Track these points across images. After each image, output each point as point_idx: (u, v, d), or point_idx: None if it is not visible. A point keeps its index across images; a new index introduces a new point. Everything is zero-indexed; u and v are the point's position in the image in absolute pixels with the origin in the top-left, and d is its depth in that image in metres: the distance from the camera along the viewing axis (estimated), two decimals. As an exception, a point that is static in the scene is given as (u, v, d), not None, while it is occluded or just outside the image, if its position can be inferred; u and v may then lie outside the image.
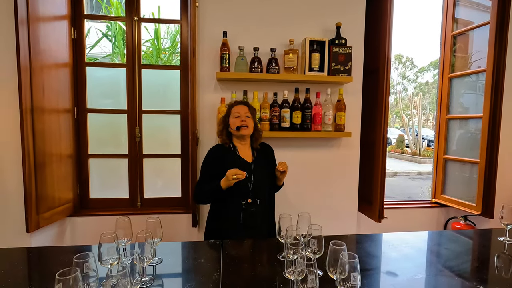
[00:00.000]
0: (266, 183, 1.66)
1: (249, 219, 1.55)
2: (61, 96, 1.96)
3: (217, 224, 1.60)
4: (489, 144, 2.21)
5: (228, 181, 1.46)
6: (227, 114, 1.67)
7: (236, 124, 1.60)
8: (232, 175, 1.44)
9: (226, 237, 1.48)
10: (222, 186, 1.48)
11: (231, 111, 1.65)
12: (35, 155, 1.74)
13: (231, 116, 1.64)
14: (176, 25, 3.98)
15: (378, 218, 2.11)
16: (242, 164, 1.58)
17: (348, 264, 0.80)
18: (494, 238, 1.45)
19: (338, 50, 2.02)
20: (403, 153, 11.79)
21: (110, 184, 2.28)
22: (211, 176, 1.57)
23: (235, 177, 1.44)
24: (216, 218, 1.62)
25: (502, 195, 2.33)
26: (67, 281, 0.69)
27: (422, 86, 21.51)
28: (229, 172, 1.45)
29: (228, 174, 1.45)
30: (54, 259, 1.20)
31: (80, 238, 2.09)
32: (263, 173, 1.65)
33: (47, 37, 1.81)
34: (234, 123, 1.61)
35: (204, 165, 1.65)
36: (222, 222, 1.58)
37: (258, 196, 1.58)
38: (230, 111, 1.65)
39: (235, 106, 1.66)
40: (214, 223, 1.62)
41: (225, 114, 1.68)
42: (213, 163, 1.61)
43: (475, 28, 2.38)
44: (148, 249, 0.98)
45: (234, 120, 1.61)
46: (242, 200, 1.55)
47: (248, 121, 1.61)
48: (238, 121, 1.60)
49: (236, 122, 1.60)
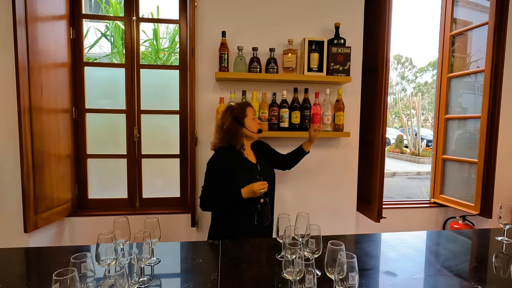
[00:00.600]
0: (272, 181, 1.68)
1: (261, 218, 1.56)
2: (60, 96, 1.95)
3: (229, 227, 1.56)
4: (487, 144, 2.21)
5: (254, 194, 1.47)
6: (241, 115, 1.59)
7: (257, 126, 1.62)
8: (259, 190, 1.46)
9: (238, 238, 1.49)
10: (244, 197, 1.47)
11: (247, 112, 1.60)
12: (33, 155, 1.73)
13: (247, 118, 1.59)
14: (175, 25, 3.98)
15: (377, 218, 2.11)
16: (251, 167, 1.59)
17: (346, 264, 0.80)
18: (492, 238, 1.45)
19: (337, 50, 2.02)
20: (402, 153, 11.81)
21: (109, 184, 2.27)
22: (222, 182, 1.54)
23: (262, 191, 1.47)
24: (227, 221, 1.57)
25: (500, 195, 2.34)
26: (64, 281, 0.69)
27: (421, 86, 21.56)
28: (256, 188, 1.46)
29: (255, 190, 1.45)
30: (52, 259, 1.20)
31: (78, 238, 2.09)
32: (268, 172, 1.67)
33: (45, 37, 1.81)
34: (255, 125, 1.61)
35: (212, 171, 1.56)
36: (235, 224, 1.55)
37: (267, 196, 1.60)
38: (245, 113, 1.60)
39: (249, 108, 1.62)
40: (226, 225, 1.57)
41: (237, 116, 1.58)
42: (223, 169, 1.55)
43: (474, 29, 2.39)
44: (146, 249, 0.98)
45: (253, 122, 1.61)
46: (257, 204, 1.55)
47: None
48: (257, 124, 1.63)
49: (256, 124, 1.62)
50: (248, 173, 1.57)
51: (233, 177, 1.53)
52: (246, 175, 1.55)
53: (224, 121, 1.60)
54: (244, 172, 1.56)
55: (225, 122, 1.59)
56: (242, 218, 1.55)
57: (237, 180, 1.52)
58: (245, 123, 1.59)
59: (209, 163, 1.58)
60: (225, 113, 1.62)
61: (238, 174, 1.54)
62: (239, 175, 1.54)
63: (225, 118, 1.60)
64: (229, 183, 1.52)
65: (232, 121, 1.58)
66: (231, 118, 1.58)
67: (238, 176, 1.53)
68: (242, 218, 1.55)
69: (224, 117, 1.61)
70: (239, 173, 1.55)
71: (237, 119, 1.58)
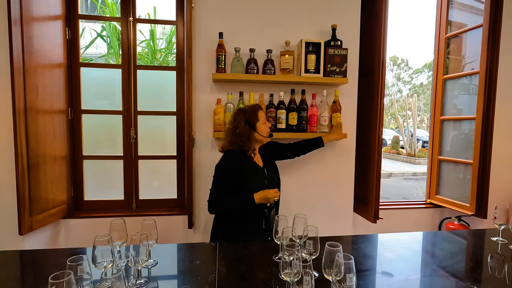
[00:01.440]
0: (279, 186, 1.70)
1: (269, 222, 1.57)
2: (55, 97, 1.94)
3: (237, 231, 1.53)
4: (482, 145, 2.24)
5: (267, 200, 1.49)
6: (254, 119, 1.58)
7: (268, 131, 1.63)
8: (273, 198, 1.49)
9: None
10: (256, 202, 1.48)
11: (259, 116, 1.59)
12: (28, 156, 1.72)
13: (259, 122, 1.59)
14: (172, 26, 3.97)
15: (374, 218, 2.12)
16: (261, 172, 1.61)
17: (343, 265, 0.80)
18: (487, 238, 1.46)
19: (333, 52, 2.03)
20: (398, 154, 11.89)
21: (105, 186, 2.26)
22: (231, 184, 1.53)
23: (275, 199, 1.50)
24: (235, 225, 1.54)
25: (495, 195, 2.36)
26: (60, 284, 0.68)
27: (416, 88, 21.73)
28: (271, 195, 1.48)
29: (270, 197, 1.48)
30: (48, 262, 1.19)
31: (74, 241, 2.07)
32: (275, 176, 1.70)
33: (41, 37, 1.79)
34: (266, 129, 1.62)
35: (222, 173, 1.54)
36: (243, 229, 1.53)
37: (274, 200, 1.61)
38: (257, 117, 1.58)
39: (260, 111, 1.62)
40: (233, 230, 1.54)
41: (249, 119, 1.57)
42: (234, 171, 1.53)
43: (469, 31, 2.42)
44: (143, 251, 0.97)
45: (264, 126, 1.61)
46: (264, 208, 1.56)
47: None
48: (267, 127, 1.63)
49: (267, 128, 1.63)
50: (257, 176, 1.57)
51: (244, 180, 1.52)
52: (256, 178, 1.56)
53: (236, 125, 1.57)
54: (254, 175, 1.56)
55: (237, 126, 1.56)
56: (250, 222, 1.54)
57: (247, 183, 1.52)
58: (257, 128, 1.58)
59: (219, 165, 1.56)
60: (238, 117, 1.58)
61: (249, 177, 1.54)
62: (250, 177, 1.54)
63: (237, 122, 1.57)
64: (238, 186, 1.52)
65: (245, 125, 1.56)
66: (243, 122, 1.56)
67: (248, 179, 1.53)
68: (250, 222, 1.54)
69: (237, 120, 1.57)
70: (249, 175, 1.55)
71: (249, 123, 1.57)
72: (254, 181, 1.54)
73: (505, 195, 2.55)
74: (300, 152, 1.95)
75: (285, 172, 2.19)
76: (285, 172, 2.19)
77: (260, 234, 1.55)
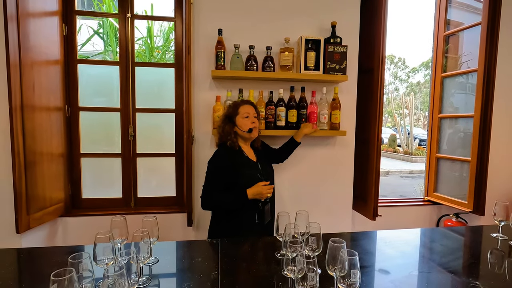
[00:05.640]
0: (273, 179, 1.68)
1: (262, 217, 1.56)
2: (52, 94, 1.91)
3: (231, 225, 1.54)
4: (480, 143, 2.25)
5: (260, 196, 1.47)
6: (233, 114, 1.59)
7: (248, 126, 1.57)
8: (267, 193, 1.48)
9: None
10: (249, 197, 1.47)
11: (239, 111, 1.58)
12: (25, 154, 1.69)
13: (239, 116, 1.58)
14: (169, 23, 3.94)
15: (373, 216, 2.12)
16: (253, 166, 1.59)
17: (347, 261, 0.80)
18: (487, 234, 1.47)
19: (333, 49, 2.02)
20: (395, 152, 11.95)
21: (103, 184, 2.24)
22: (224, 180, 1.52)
23: (269, 195, 1.49)
24: (229, 220, 1.55)
25: (493, 192, 2.38)
26: (62, 282, 0.67)
27: (413, 86, 21.83)
28: (265, 191, 1.47)
29: (263, 192, 1.47)
30: (46, 260, 1.17)
31: (72, 239, 2.05)
32: (269, 170, 1.68)
33: (37, 33, 1.77)
34: (246, 124, 1.57)
35: (214, 170, 1.54)
36: (237, 223, 1.53)
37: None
38: (237, 111, 1.58)
39: (242, 106, 1.60)
40: (227, 224, 1.55)
41: (229, 114, 1.59)
42: (225, 166, 1.52)
43: (466, 29, 2.42)
44: (145, 249, 0.96)
45: (244, 121, 1.57)
46: (258, 202, 1.54)
47: (256, 122, 1.61)
48: (249, 123, 1.57)
49: (247, 123, 1.57)
50: (250, 170, 1.56)
51: (236, 174, 1.51)
52: (248, 172, 1.55)
53: (220, 119, 1.65)
54: (246, 169, 1.55)
55: (220, 120, 1.64)
56: (244, 217, 1.53)
57: (240, 176, 1.51)
58: (236, 121, 1.58)
59: (210, 161, 1.57)
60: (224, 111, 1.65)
61: (240, 170, 1.53)
62: (241, 171, 1.53)
63: (222, 116, 1.65)
64: (231, 182, 1.51)
65: (225, 119, 1.60)
66: (224, 116, 1.62)
67: (240, 172, 1.52)
68: (244, 217, 1.53)
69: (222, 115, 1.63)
70: (241, 169, 1.54)
71: (229, 117, 1.60)
72: (247, 174, 1.53)
73: (502, 193, 2.57)
74: (282, 157, 1.94)
75: (283, 169, 2.19)
76: (284, 169, 2.19)
77: (253, 228, 1.55)
